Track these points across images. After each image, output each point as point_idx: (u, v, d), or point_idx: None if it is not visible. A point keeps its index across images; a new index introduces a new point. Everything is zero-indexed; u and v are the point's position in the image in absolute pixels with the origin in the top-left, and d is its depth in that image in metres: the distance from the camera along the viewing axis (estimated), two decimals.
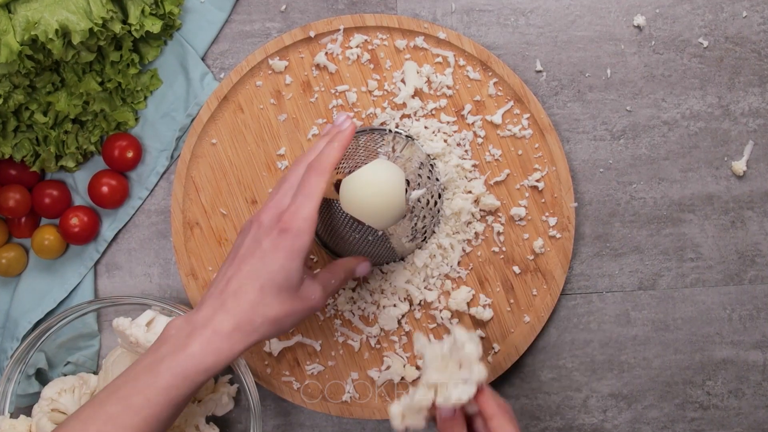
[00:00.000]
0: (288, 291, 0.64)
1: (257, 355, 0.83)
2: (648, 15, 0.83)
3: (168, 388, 0.61)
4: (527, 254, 0.82)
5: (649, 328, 0.84)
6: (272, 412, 0.85)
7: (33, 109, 0.78)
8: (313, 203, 0.65)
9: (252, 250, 0.65)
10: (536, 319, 0.82)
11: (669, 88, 0.83)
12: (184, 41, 0.83)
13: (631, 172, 0.83)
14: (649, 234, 0.83)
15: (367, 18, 0.81)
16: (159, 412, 0.60)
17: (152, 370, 0.61)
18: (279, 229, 0.64)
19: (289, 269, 0.64)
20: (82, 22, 0.72)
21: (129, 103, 0.82)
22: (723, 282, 0.84)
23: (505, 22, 0.83)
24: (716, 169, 0.83)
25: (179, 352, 0.62)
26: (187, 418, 0.80)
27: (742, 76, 0.83)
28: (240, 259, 0.65)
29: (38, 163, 0.81)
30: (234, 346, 0.63)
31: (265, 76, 0.82)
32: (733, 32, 0.83)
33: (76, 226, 0.81)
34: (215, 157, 0.83)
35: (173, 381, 0.61)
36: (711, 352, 0.84)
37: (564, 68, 0.83)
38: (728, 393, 0.84)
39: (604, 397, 0.84)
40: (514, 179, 0.82)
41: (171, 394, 0.61)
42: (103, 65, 0.80)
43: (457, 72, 0.81)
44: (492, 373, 0.82)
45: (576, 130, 0.83)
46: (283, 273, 0.64)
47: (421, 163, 0.77)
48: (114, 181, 0.82)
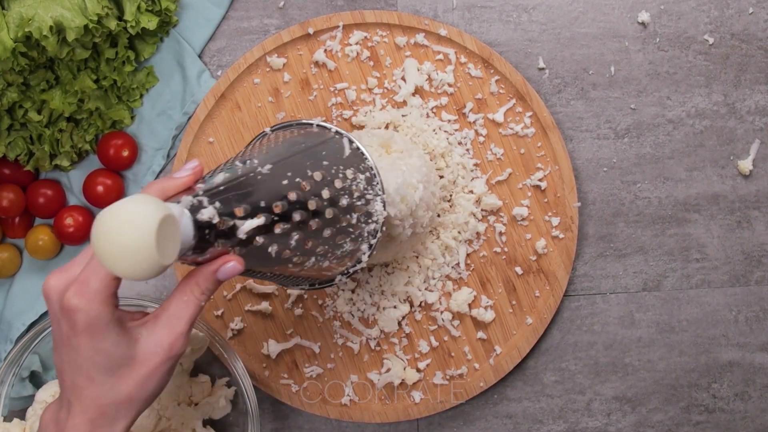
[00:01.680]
0: (121, 365, 0.55)
1: (255, 357, 0.82)
2: (652, 11, 0.82)
3: None
4: (529, 255, 0.81)
5: (653, 330, 0.83)
6: (270, 416, 0.84)
7: (27, 107, 0.77)
8: (99, 276, 0.53)
9: (59, 336, 0.56)
10: (539, 321, 0.81)
11: (674, 86, 0.83)
12: (181, 38, 0.82)
13: (636, 171, 0.83)
14: (654, 234, 0.83)
15: (366, 14, 0.81)
16: None
17: None
18: (63, 309, 0.54)
19: (100, 347, 0.54)
20: (76, 18, 0.72)
21: (124, 101, 0.82)
22: (729, 283, 0.83)
23: (507, 19, 0.83)
24: (722, 168, 0.83)
25: None
26: (184, 421, 0.79)
27: (748, 74, 0.83)
28: (57, 347, 0.56)
29: (32, 162, 0.80)
30: None
31: (263, 74, 0.82)
32: (740, 29, 0.83)
33: (71, 226, 0.80)
34: (212, 156, 0.82)
35: None
36: (717, 354, 0.83)
37: (567, 66, 0.83)
38: (734, 396, 0.83)
39: (608, 400, 0.83)
40: (516, 178, 0.81)
41: None
42: (98, 62, 0.79)
43: (458, 69, 0.81)
44: (494, 375, 0.81)
45: (579, 129, 0.83)
46: (98, 354, 0.54)
47: (342, 170, 0.62)
48: (109, 180, 0.81)
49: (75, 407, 0.55)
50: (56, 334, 0.56)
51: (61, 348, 0.55)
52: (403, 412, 0.81)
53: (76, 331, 0.54)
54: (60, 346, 0.55)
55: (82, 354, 0.54)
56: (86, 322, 0.53)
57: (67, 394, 0.56)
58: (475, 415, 0.83)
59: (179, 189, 0.56)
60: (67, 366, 0.55)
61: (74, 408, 0.55)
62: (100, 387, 0.55)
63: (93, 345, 0.54)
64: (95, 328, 0.54)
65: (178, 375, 0.79)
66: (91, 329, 0.53)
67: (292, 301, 0.81)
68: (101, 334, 0.54)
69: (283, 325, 0.82)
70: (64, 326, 0.54)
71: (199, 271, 0.55)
